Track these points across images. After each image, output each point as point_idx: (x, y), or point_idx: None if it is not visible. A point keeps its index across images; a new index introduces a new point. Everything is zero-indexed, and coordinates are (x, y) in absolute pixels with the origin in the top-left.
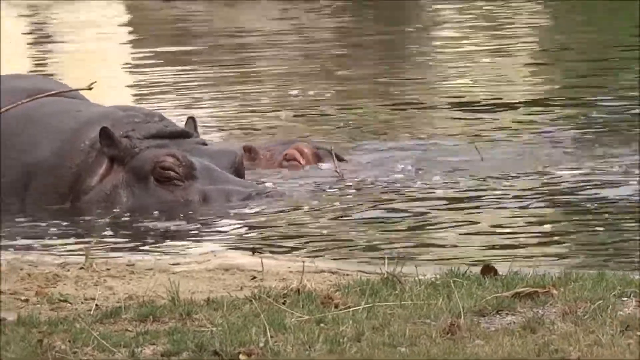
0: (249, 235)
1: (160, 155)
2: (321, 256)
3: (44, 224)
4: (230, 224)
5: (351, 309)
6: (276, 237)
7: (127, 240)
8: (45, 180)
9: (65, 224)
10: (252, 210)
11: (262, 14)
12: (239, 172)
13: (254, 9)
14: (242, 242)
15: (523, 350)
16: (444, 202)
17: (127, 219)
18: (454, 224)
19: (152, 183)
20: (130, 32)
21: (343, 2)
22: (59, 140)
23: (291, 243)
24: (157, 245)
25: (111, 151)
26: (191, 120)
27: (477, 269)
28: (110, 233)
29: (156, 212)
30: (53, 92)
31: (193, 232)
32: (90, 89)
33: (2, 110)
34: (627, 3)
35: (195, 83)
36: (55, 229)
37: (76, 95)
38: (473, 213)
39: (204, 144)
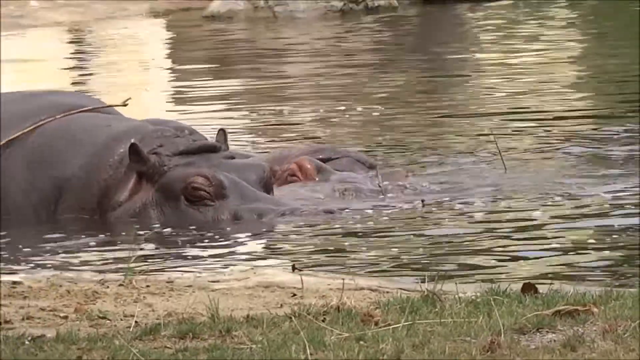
0: (287, 252)
1: (191, 175)
2: (361, 273)
3: (82, 241)
4: (268, 242)
5: (391, 327)
6: (315, 254)
7: (166, 257)
8: (74, 196)
9: (103, 240)
10: (290, 228)
11: (304, 31)
12: (267, 187)
13: (295, 25)
14: (281, 260)
15: None
16: (483, 219)
17: (165, 236)
18: (494, 242)
19: (182, 203)
20: (170, 48)
21: (384, 17)
22: (89, 155)
23: (331, 260)
24: (196, 262)
25: (140, 167)
26: (222, 132)
27: (517, 287)
28: (150, 250)
29: (192, 231)
30: (87, 107)
31: (231, 249)
32: (125, 105)
33: (37, 125)
34: None
35: (235, 95)
36: (93, 246)
37: (110, 111)
38: (514, 231)
39: (232, 157)
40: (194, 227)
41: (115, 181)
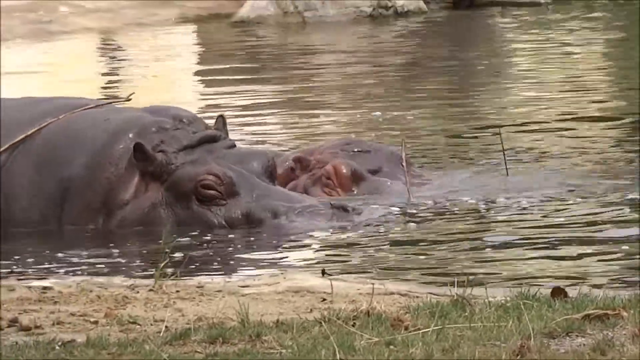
0: (317, 256)
1: (201, 174)
2: (390, 278)
3: (109, 247)
4: (297, 246)
5: (421, 331)
6: (343, 259)
7: (195, 262)
8: (79, 196)
9: (130, 245)
10: (319, 232)
11: (334, 37)
12: (272, 175)
13: (325, 31)
14: (310, 264)
15: None
16: (513, 224)
17: (191, 240)
18: (524, 246)
19: (194, 203)
20: (200, 55)
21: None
22: (90, 153)
23: (359, 264)
24: (225, 266)
25: (146, 166)
26: (221, 118)
27: (547, 291)
28: (178, 255)
29: (217, 234)
30: (89, 105)
31: (260, 253)
32: (129, 99)
33: (41, 127)
34: None
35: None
36: (121, 251)
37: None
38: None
39: (233, 145)
40: (204, 228)
41: (117, 178)
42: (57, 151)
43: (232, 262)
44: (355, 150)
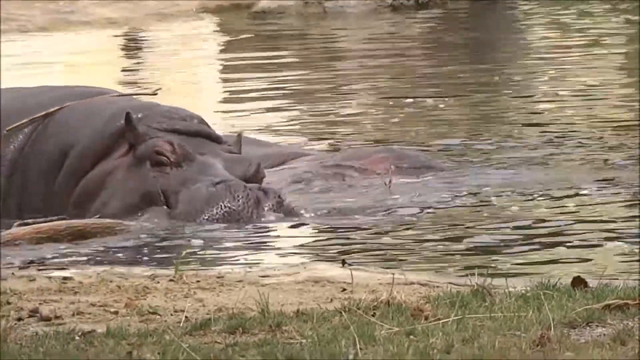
0: (334, 246)
1: (160, 141)
2: (411, 268)
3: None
4: (315, 235)
5: (441, 321)
6: (363, 248)
7: (215, 251)
8: (74, 161)
9: (152, 234)
10: (339, 222)
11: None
12: (250, 182)
13: (346, 20)
14: (329, 254)
15: None
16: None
17: (213, 229)
18: (542, 237)
19: (146, 167)
20: (221, 45)
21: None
22: (95, 124)
23: (380, 254)
24: (245, 256)
25: (129, 137)
26: (239, 137)
27: (567, 281)
28: (199, 244)
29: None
30: (115, 93)
31: (277, 242)
32: (155, 94)
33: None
34: None
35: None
36: (143, 240)
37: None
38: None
39: (230, 152)
40: (141, 191)
41: (109, 149)
42: (68, 122)
43: (250, 250)
44: (408, 166)
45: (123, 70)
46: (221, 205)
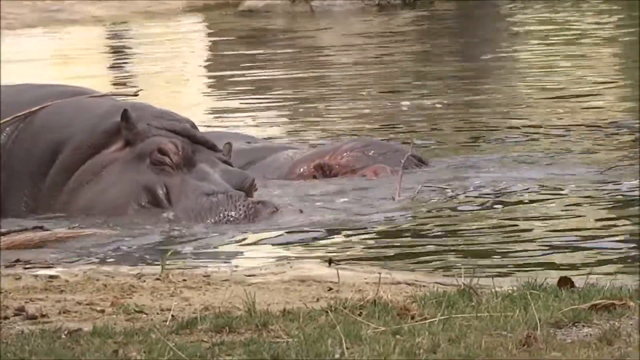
0: (321, 246)
1: (164, 140)
2: (397, 268)
3: (117, 232)
4: (304, 235)
5: (427, 321)
6: (348, 248)
7: (202, 250)
8: (68, 156)
9: (139, 232)
10: (324, 220)
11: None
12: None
13: (334, 18)
14: (315, 253)
15: None
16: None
17: (200, 229)
18: (530, 237)
19: (146, 164)
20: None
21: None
22: (90, 120)
23: (365, 254)
24: (231, 255)
25: (127, 134)
26: (228, 145)
27: (554, 281)
28: (186, 244)
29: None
30: (99, 94)
31: (264, 242)
32: (136, 95)
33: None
34: None
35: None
36: (129, 239)
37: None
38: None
39: (226, 162)
40: (138, 187)
41: (103, 145)
42: (59, 117)
43: (237, 250)
44: (376, 152)
45: (110, 68)
46: (223, 215)
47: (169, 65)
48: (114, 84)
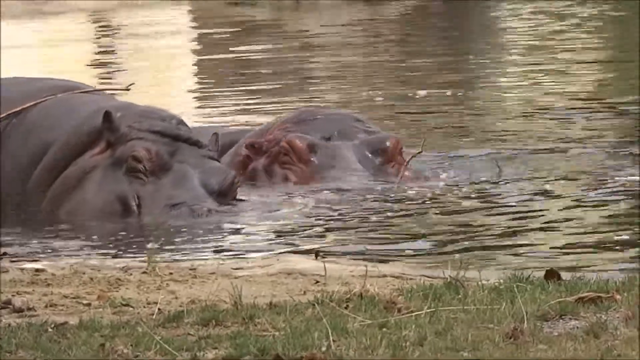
0: (309, 238)
1: (138, 147)
2: (384, 260)
3: (102, 228)
4: (287, 228)
5: (414, 314)
6: (336, 241)
7: (188, 244)
8: (54, 155)
9: (126, 227)
10: (308, 212)
11: (327, 17)
12: (224, 192)
13: (319, 11)
14: (303, 246)
15: (586, 355)
16: (505, 209)
17: (185, 223)
18: (517, 229)
19: (121, 171)
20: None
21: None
22: (78, 120)
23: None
24: (218, 248)
25: (109, 136)
26: (214, 136)
27: (540, 274)
28: (172, 236)
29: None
30: (90, 89)
31: (252, 235)
32: (128, 89)
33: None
34: None
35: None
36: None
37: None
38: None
39: (212, 158)
40: (113, 197)
41: (86, 147)
42: (49, 118)
43: (224, 243)
44: (304, 119)
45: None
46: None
47: (152, 57)
48: (98, 76)
